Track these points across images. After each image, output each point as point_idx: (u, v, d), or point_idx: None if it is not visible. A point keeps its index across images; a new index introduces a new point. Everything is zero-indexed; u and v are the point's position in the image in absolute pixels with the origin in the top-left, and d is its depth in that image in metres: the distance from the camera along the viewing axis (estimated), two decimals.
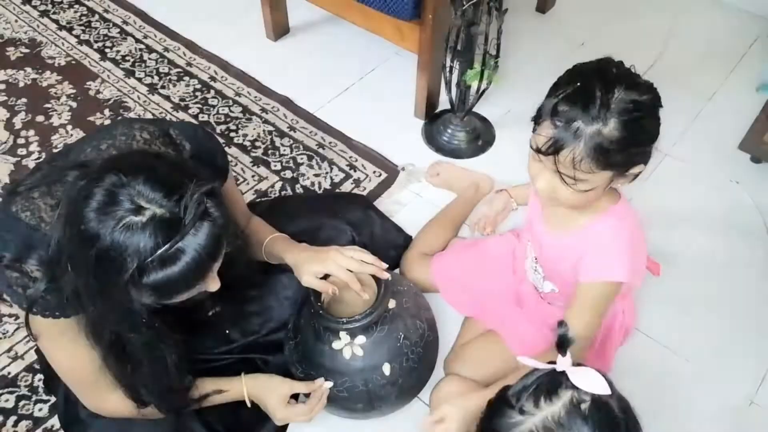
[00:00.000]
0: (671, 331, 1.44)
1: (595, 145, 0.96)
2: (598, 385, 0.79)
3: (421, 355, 1.21)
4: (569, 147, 0.97)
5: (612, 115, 0.95)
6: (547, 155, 0.99)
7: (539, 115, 1.02)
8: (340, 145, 1.82)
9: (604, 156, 0.97)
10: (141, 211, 0.82)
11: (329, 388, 1.18)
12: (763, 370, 1.40)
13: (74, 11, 2.25)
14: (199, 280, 0.90)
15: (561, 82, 1.02)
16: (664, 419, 1.27)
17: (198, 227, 0.85)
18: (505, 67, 2.01)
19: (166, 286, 0.86)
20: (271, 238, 1.25)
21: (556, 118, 0.97)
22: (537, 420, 0.79)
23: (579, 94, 0.97)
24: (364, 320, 1.14)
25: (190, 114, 1.90)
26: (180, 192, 0.84)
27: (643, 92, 0.98)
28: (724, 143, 1.82)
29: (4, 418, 1.30)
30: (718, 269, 1.56)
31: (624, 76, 0.99)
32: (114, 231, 0.81)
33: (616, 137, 0.96)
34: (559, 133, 0.97)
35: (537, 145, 1.01)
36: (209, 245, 0.86)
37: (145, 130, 1.02)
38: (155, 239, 0.82)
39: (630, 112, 0.96)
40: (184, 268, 0.85)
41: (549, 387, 0.80)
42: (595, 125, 0.95)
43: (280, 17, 2.12)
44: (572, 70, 1.04)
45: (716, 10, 2.28)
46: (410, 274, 1.46)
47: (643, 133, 0.99)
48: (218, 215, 0.87)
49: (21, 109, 1.90)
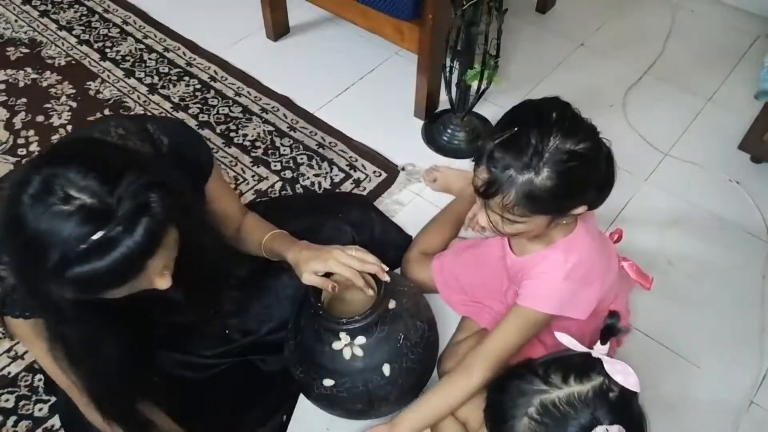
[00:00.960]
0: (671, 331, 1.44)
1: (527, 192, 0.97)
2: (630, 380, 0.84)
3: (421, 355, 1.21)
4: (501, 193, 0.98)
5: (545, 164, 0.95)
6: (482, 198, 1.02)
7: (478, 156, 1.02)
8: (340, 145, 1.82)
9: (535, 203, 0.98)
10: (70, 200, 0.77)
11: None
12: (763, 370, 1.40)
13: (74, 11, 2.25)
14: (130, 278, 0.84)
15: (500, 125, 1.02)
16: (664, 419, 1.28)
17: (132, 221, 0.79)
18: (505, 67, 2.01)
19: (91, 280, 0.80)
20: (270, 234, 1.23)
21: (490, 163, 0.98)
22: (562, 394, 0.83)
23: (513, 141, 0.97)
24: (364, 321, 1.14)
25: (190, 114, 1.90)
26: (117, 182, 0.79)
27: (580, 140, 0.97)
28: (724, 143, 1.82)
29: (4, 418, 1.30)
30: (718, 269, 1.56)
31: (563, 121, 0.98)
32: (40, 218, 0.77)
33: (547, 186, 0.96)
34: (492, 177, 0.98)
35: (475, 185, 1.02)
36: (143, 241, 0.80)
37: (121, 126, 0.99)
38: (81, 230, 0.77)
39: (564, 163, 0.96)
40: (112, 264, 0.79)
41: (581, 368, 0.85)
42: (526, 174, 0.96)
43: (280, 17, 2.12)
44: (512, 112, 1.04)
45: (716, 10, 2.28)
46: (410, 273, 1.46)
47: (577, 182, 1.00)
48: (160, 210, 0.81)
49: (21, 109, 1.90)
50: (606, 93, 1.98)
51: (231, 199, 1.24)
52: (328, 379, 1.17)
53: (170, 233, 0.86)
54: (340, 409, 1.22)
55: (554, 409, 0.82)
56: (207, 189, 1.14)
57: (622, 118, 1.89)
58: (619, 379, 0.83)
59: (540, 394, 0.84)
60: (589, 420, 0.81)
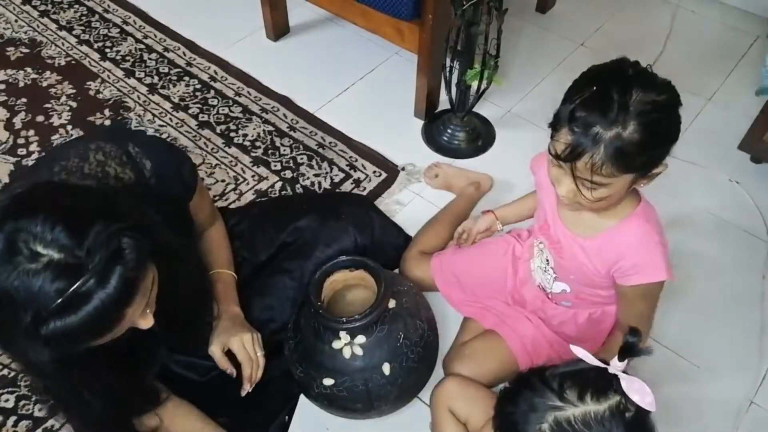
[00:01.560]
0: (671, 331, 1.44)
1: (616, 149, 0.94)
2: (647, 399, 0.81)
3: (421, 354, 1.21)
4: (589, 153, 0.95)
5: (631, 117, 0.93)
6: (567, 162, 0.98)
7: (557, 121, 0.99)
8: (340, 145, 1.82)
9: (625, 160, 0.95)
10: (37, 257, 0.74)
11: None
12: (763, 370, 1.40)
13: (74, 11, 2.25)
14: (107, 330, 0.81)
15: (577, 86, 1.00)
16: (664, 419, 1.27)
17: (105, 272, 0.76)
18: (505, 67, 2.01)
19: (67, 337, 0.76)
20: (216, 272, 1.24)
21: (573, 124, 0.95)
22: (578, 412, 0.80)
23: (596, 99, 0.95)
24: (363, 320, 1.14)
25: (190, 114, 1.90)
26: (86, 233, 0.75)
27: (661, 91, 0.96)
28: (724, 143, 1.82)
29: (4, 418, 1.30)
30: (718, 269, 1.56)
31: (641, 76, 0.97)
32: (8, 279, 0.74)
33: (636, 140, 0.94)
34: (577, 139, 0.95)
35: (556, 151, 0.99)
36: (117, 292, 0.77)
37: (100, 150, 0.96)
38: (51, 287, 0.73)
39: (649, 114, 0.94)
40: (86, 318, 0.76)
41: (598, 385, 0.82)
42: (614, 129, 0.93)
43: (280, 17, 2.12)
44: (587, 73, 1.02)
45: (716, 10, 2.28)
46: (410, 273, 1.46)
47: (663, 133, 0.98)
48: (133, 257, 0.78)
49: (21, 109, 1.90)
50: None
51: (205, 209, 1.24)
52: (327, 378, 1.17)
53: (148, 276, 0.83)
54: (340, 409, 1.22)
55: (569, 427, 0.80)
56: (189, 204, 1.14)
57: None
58: (636, 398, 0.81)
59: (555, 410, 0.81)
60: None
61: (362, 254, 1.32)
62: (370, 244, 1.42)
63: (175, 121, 1.88)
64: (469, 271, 1.41)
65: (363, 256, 1.27)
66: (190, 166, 1.11)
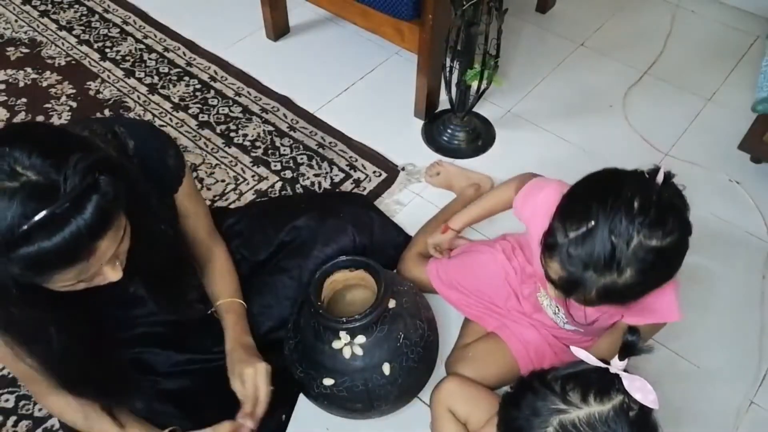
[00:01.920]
0: (671, 332, 1.44)
1: (608, 292, 0.90)
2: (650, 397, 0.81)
3: (421, 354, 1.21)
4: (579, 292, 0.92)
5: (628, 265, 0.87)
6: (559, 290, 0.96)
7: (550, 246, 0.93)
8: (340, 145, 1.82)
9: (617, 298, 0.93)
10: (15, 177, 0.75)
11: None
12: (763, 370, 1.40)
13: (74, 11, 2.25)
14: (78, 259, 0.81)
15: (574, 210, 0.92)
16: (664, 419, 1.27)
17: (82, 199, 0.77)
18: (505, 67, 2.01)
19: (38, 260, 0.77)
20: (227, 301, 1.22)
21: (567, 262, 0.90)
22: (582, 414, 0.80)
23: (592, 238, 0.88)
24: (363, 320, 1.14)
25: (190, 114, 1.90)
26: (64, 160, 0.77)
27: (668, 233, 0.88)
28: (724, 143, 1.82)
29: (4, 418, 1.30)
30: (718, 269, 1.56)
31: (647, 209, 0.87)
32: None
33: (630, 284, 0.89)
34: (569, 277, 0.91)
35: (548, 274, 0.96)
36: (92, 221, 0.77)
37: (87, 128, 0.97)
38: (26, 207, 0.74)
39: (649, 262, 0.88)
40: (60, 242, 0.76)
41: (600, 386, 0.82)
42: (608, 276, 0.89)
43: (280, 17, 2.12)
44: (587, 194, 0.94)
45: (716, 10, 2.28)
46: (408, 274, 1.45)
47: (663, 275, 0.94)
48: (109, 190, 0.79)
49: (21, 109, 1.90)
50: (606, 93, 1.98)
51: (201, 221, 1.22)
52: (327, 378, 1.17)
53: (121, 218, 0.84)
54: (340, 409, 1.22)
55: (574, 430, 0.80)
56: (177, 200, 1.13)
57: (622, 118, 1.89)
58: (639, 396, 0.81)
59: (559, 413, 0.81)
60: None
61: (361, 254, 1.32)
62: (370, 244, 1.42)
63: (175, 121, 1.88)
64: (467, 277, 1.39)
65: (362, 256, 1.27)
66: (176, 153, 1.10)
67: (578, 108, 1.93)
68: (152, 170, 1.03)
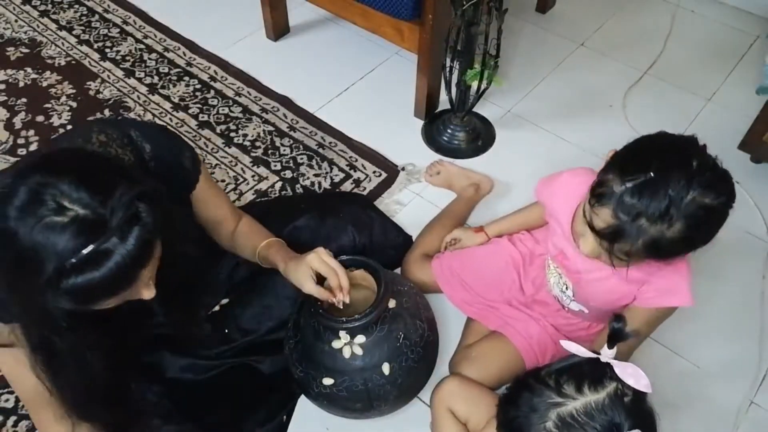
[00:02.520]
0: (671, 331, 1.44)
1: (654, 243, 0.92)
2: (642, 381, 0.83)
3: (420, 354, 1.21)
4: (627, 241, 0.93)
5: (679, 218, 0.90)
6: (602, 239, 0.96)
7: (602, 193, 0.94)
8: (340, 145, 1.82)
9: (658, 252, 0.94)
10: (63, 211, 0.77)
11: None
12: (763, 370, 1.40)
13: (74, 11, 2.25)
14: (124, 288, 0.85)
15: (632, 162, 0.94)
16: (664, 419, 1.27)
17: (125, 231, 0.80)
18: (505, 67, 2.01)
19: (86, 291, 0.80)
20: (266, 243, 1.23)
21: (620, 209, 0.92)
22: (579, 404, 0.82)
23: (650, 189, 0.90)
24: (363, 319, 1.14)
25: (190, 114, 1.90)
26: (109, 193, 0.80)
27: (718, 194, 0.91)
28: (724, 143, 1.81)
29: (4, 418, 1.30)
30: (718, 269, 1.56)
31: (703, 171, 0.91)
32: (33, 230, 0.77)
33: (677, 238, 0.92)
34: (620, 224, 0.92)
35: (593, 223, 0.96)
36: (136, 251, 0.81)
37: (103, 132, 0.99)
38: (76, 241, 0.77)
39: (699, 218, 0.90)
40: (107, 274, 0.79)
41: (593, 375, 0.84)
42: (659, 226, 0.90)
43: (280, 17, 2.12)
44: (646, 148, 0.96)
45: (716, 10, 2.28)
46: (411, 274, 1.46)
47: (706, 235, 0.95)
48: (150, 220, 0.82)
49: (21, 109, 1.90)
50: (606, 93, 1.98)
51: (221, 204, 1.23)
52: (327, 378, 1.17)
53: (158, 243, 0.87)
54: (340, 408, 1.22)
55: (572, 421, 0.81)
56: (195, 195, 1.14)
57: (622, 118, 1.89)
58: (631, 382, 0.83)
59: (556, 407, 0.82)
60: (608, 427, 0.80)
61: (361, 253, 1.32)
62: (369, 244, 1.43)
63: (175, 121, 1.88)
64: (470, 272, 1.41)
65: (362, 256, 1.27)
66: (191, 154, 1.11)
67: (578, 108, 1.93)
68: (169, 173, 1.05)
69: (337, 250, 1.33)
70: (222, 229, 1.25)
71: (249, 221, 1.28)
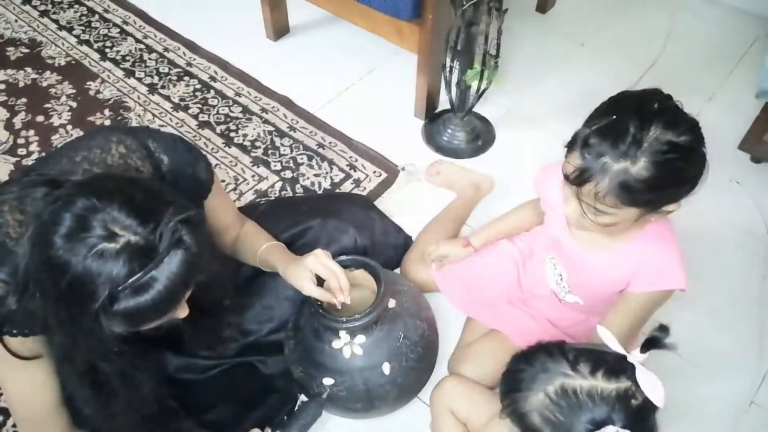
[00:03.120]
0: (671, 331, 1.44)
1: (620, 182, 0.94)
2: (657, 394, 0.83)
3: (420, 354, 1.21)
4: (593, 181, 0.95)
5: (643, 154, 0.92)
6: (573, 185, 0.98)
7: (572, 142, 0.99)
8: (340, 145, 1.82)
9: (628, 194, 0.95)
10: (115, 238, 0.80)
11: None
12: (763, 370, 1.40)
13: (74, 11, 2.25)
14: (170, 309, 0.88)
15: (598, 111, 0.99)
16: (664, 419, 1.27)
17: (172, 255, 0.83)
18: (505, 67, 2.01)
19: (137, 314, 0.83)
20: (265, 246, 1.23)
21: (585, 149, 0.95)
22: (586, 384, 0.83)
23: (611, 128, 0.94)
24: (363, 319, 1.14)
25: (190, 114, 1.90)
26: (156, 219, 0.82)
27: (682, 132, 0.94)
28: (724, 143, 1.82)
29: (4, 418, 1.30)
30: (718, 269, 1.56)
31: (665, 112, 0.95)
32: (86, 258, 0.79)
33: (643, 177, 0.93)
34: (585, 164, 0.95)
35: (565, 171, 0.99)
36: (182, 273, 0.84)
37: (122, 143, 1.00)
38: (129, 267, 0.80)
39: (663, 153, 0.92)
40: (156, 297, 0.82)
41: (612, 367, 0.84)
42: (622, 163, 0.93)
43: (280, 17, 2.12)
44: (612, 99, 1.01)
45: (716, 10, 2.28)
46: (411, 274, 1.46)
47: (674, 175, 0.97)
48: (192, 243, 0.85)
49: (21, 109, 1.90)
50: (606, 93, 1.95)
51: (229, 210, 1.25)
52: (327, 378, 1.17)
53: (200, 264, 0.89)
54: (340, 408, 1.22)
55: (573, 395, 0.82)
56: (207, 204, 1.14)
57: None
58: (647, 388, 0.83)
59: (564, 377, 0.84)
60: (603, 417, 0.81)
61: (362, 254, 1.32)
62: (370, 244, 1.42)
63: (175, 121, 1.88)
64: (469, 270, 1.41)
65: (363, 256, 1.27)
66: (205, 164, 1.12)
67: (578, 108, 1.91)
68: (185, 183, 1.06)
69: (339, 252, 1.33)
70: (227, 236, 1.25)
71: (252, 226, 1.29)
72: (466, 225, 1.63)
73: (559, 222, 1.19)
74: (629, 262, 1.11)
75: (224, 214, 1.22)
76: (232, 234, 1.26)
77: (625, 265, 1.12)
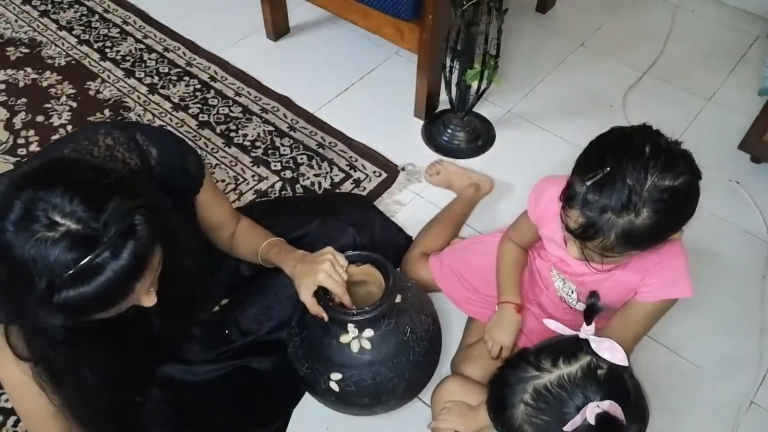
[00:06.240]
0: (671, 331, 1.44)
1: (626, 234, 0.93)
2: (617, 355, 0.86)
3: (426, 348, 1.21)
4: (599, 237, 0.94)
5: (644, 205, 0.91)
6: (578, 239, 0.98)
7: (570, 198, 0.97)
8: (340, 145, 1.82)
9: (636, 242, 0.95)
10: (55, 226, 0.76)
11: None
12: (763, 370, 1.40)
13: (74, 11, 2.25)
14: (117, 301, 0.84)
15: (589, 162, 0.96)
16: (664, 419, 1.28)
17: (119, 245, 0.78)
18: (505, 67, 2.01)
19: (79, 305, 0.79)
20: (267, 243, 1.23)
21: (586, 207, 0.94)
22: (553, 377, 0.86)
23: (608, 183, 0.92)
24: (372, 312, 1.13)
25: (190, 114, 1.90)
26: (102, 206, 0.78)
27: (679, 174, 0.93)
28: (724, 143, 1.82)
29: (4, 418, 1.30)
30: (718, 269, 1.56)
31: (658, 154, 0.92)
32: (26, 246, 0.76)
33: (647, 225, 0.93)
34: (588, 221, 0.94)
35: (567, 226, 0.98)
36: (129, 265, 0.79)
37: (109, 135, 0.98)
38: (67, 256, 0.76)
39: (663, 201, 0.92)
40: (99, 289, 0.78)
41: (569, 350, 0.88)
42: (626, 217, 0.92)
43: (280, 17, 2.12)
44: (601, 145, 0.98)
45: (716, 10, 2.28)
46: (411, 273, 1.46)
47: (677, 217, 0.97)
48: (145, 234, 0.81)
49: (21, 109, 1.90)
50: (606, 93, 1.98)
51: (223, 207, 1.24)
52: (335, 373, 1.17)
53: (156, 254, 0.85)
54: (346, 404, 1.21)
55: (546, 393, 0.85)
56: (198, 199, 1.14)
57: (622, 118, 1.89)
58: (606, 355, 0.86)
59: (533, 380, 0.87)
60: (581, 399, 0.83)
61: None
62: (370, 244, 1.42)
63: (175, 121, 1.88)
64: (469, 268, 1.41)
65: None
66: (195, 158, 1.11)
67: (578, 108, 1.94)
68: (174, 177, 1.05)
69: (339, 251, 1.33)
70: (222, 233, 1.25)
71: (247, 223, 1.29)
72: (466, 225, 1.63)
73: (558, 244, 1.19)
74: (638, 272, 1.11)
75: (218, 211, 1.21)
76: (228, 231, 1.25)
77: (634, 275, 1.12)
